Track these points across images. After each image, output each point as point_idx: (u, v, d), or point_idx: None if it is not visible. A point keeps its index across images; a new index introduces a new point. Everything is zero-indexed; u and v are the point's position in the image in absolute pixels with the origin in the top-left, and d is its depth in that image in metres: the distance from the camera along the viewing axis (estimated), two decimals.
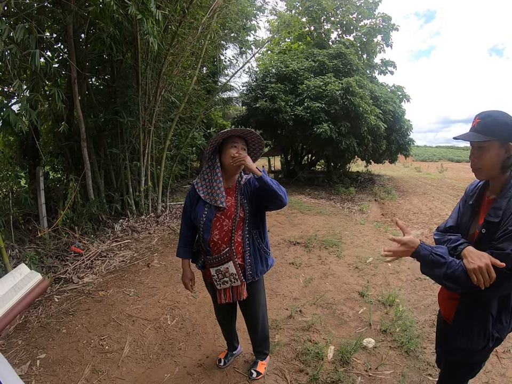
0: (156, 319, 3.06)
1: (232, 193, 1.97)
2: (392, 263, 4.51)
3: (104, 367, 2.43)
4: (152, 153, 6.45)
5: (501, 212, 1.27)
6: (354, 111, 9.69)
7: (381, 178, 16.20)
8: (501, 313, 1.37)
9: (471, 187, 1.58)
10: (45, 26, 4.64)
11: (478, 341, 1.38)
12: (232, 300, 2.03)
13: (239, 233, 1.95)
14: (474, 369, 1.59)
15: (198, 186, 1.98)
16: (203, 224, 1.90)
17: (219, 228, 1.91)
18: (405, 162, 25.06)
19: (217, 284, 1.99)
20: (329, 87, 9.85)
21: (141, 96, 5.62)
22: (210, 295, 2.27)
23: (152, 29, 4.13)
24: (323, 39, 14.42)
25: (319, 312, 3.22)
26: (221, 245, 1.92)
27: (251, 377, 2.32)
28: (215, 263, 1.94)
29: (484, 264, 1.20)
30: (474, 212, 1.47)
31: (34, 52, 3.34)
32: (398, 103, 12.77)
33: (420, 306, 3.40)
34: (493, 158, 1.31)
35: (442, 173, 21.51)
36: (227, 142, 1.90)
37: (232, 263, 1.92)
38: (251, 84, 12.13)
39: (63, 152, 5.61)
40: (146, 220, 6.04)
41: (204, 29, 6.24)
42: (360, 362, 2.51)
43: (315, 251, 4.91)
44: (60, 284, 3.68)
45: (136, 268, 4.20)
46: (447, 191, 13.03)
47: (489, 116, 1.32)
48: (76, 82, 4.74)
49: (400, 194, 12.19)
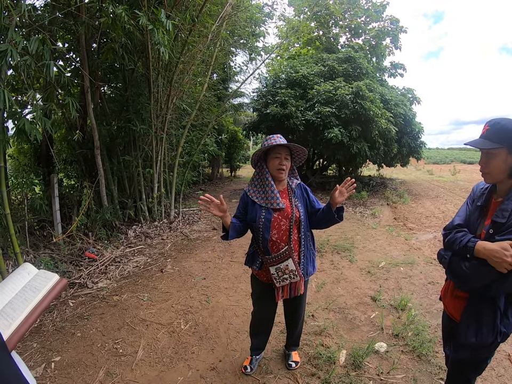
0: (169, 323, 3.10)
1: (285, 195, 2.09)
2: (404, 267, 4.48)
3: (118, 370, 2.47)
4: (165, 160, 6.55)
5: (507, 213, 1.34)
6: (364, 115, 9.64)
7: (393, 182, 16.04)
8: (507, 308, 1.42)
9: (478, 187, 1.63)
10: (57, 37, 4.77)
11: (488, 336, 1.42)
12: (290, 295, 2.12)
13: (295, 232, 2.05)
14: (481, 365, 1.62)
15: (251, 193, 2.10)
16: (262, 224, 2.00)
17: (277, 228, 2.01)
18: (417, 165, 24.76)
19: (276, 281, 2.06)
20: (339, 92, 9.84)
21: (153, 104, 5.71)
22: (258, 296, 2.31)
23: (163, 38, 4.21)
24: (332, 44, 14.43)
25: (331, 317, 3.22)
26: (279, 243, 2.01)
27: (290, 368, 2.46)
28: (275, 261, 2.02)
29: (510, 257, 1.25)
30: (482, 213, 1.52)
31: (49, 63, 3.44)
32: (409, 106, 12.65)
33: (433, 310, 3.38)
34: (500, 164, 1.38)
35: (455, 175, 21.18)
36: (271, 151, 2.02)
37: (292, 260, 2.00)
38: (261, 89, 12.18)
39: (77, 160, 5.73)
40: (159, 226, 6.12)
41: (213, 36, 6.34)
42: (372, 366, 2.51)
43: (327, 256, 4.91)
44: (75, 289, 3.76)
45: (150, 273, 4.26)
46: (460, 194, 12.83)
47: (498, 124, 1.38)
48: (89, 91, 4.85)
49: (412, 197, 12.04)
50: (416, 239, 6.47)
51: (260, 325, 2.45)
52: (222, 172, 16.71)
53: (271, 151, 2.02)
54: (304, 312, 2.43)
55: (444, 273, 4.43)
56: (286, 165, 2.02)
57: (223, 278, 4.12)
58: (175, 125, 6.91)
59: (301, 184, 2.19)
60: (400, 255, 5.02)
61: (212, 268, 4.46)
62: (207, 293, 3.71)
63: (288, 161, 2.05)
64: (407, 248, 5.44)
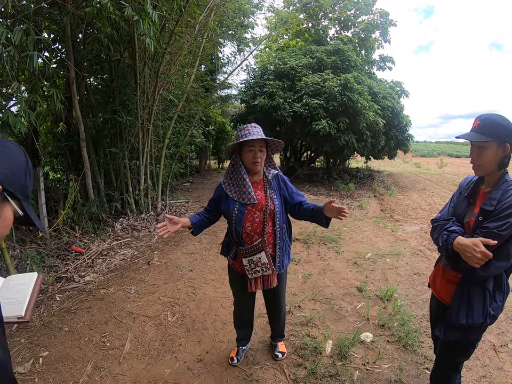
0: (156, 315, 3.10)
1: (260, 187, 2.06)
2: (390, 258, 4.55)
3: (106, 363, 2.47)
4: (151, 152, 6.49)
5: (495, 202, 1.46)
6: (352, 107, 9.68)
7: (380, 174, 16.20)
8: (495, 292, 1.52)
9: (465, 181, 1.74)
10: (42, 27, 4.65)
11: (478, 318, 1.50)
12: (263, 288, 2.13)
13: (270, 224, 2.03)
14: (470, 349, 1.70)
15: (226, 185, 2.07)
16: (235, 217, 1.98)
17: (251, 220, 1.99)
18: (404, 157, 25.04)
19: (249, 273, 2.07)
20: (327, 84, 9.84)
21: (139, 95, 5.64)
22: (234, 286, 2.35)
23: (148, 29, 4.13)
24: (321, 36, 14.38)
25: (317, 308, 3.26)
26: (253, 236, 2.00)
27: (277, 359, 2.48)
28: (248, 253, 2.01)
29: (480, 254, 1.37)
30: (469, 202, 1.63)
31: (32, 54, 3.36)
32: (397, 99, 12.73)
33: (418, 301, 3.44)
34: (491, 157, 1.48)
35: (442, 168, 21.47)
36: (244, 143, 1.97)
37: (264, 253, 2.00)
38: (249, 81, 12.10)
39: (63, 152, 5.64)
40: (146, 218, 6.08)
41: (201, 27, 6.27)
42: (358, 356, 2.55)
43: (314, 247, 4.94)
44: (62, 283, 3.72)
45: (137, 266, 4.25)
46: (446, 187, 13.03)
47: (489, 118, 1.47)
48: (74, 83, 4.76)
49: (399, 190, 12.19)
50: (402, 230, 6.56)
51: (241, 315, 2.47)
52: (210, 163, 16.66)
53: (245, 144, 1.97)
54: (284, 304, 2.44)
55: (429, 265, 4.53)
56: (260, 157, 1.98)
57: (210, 270, 4.13)
58: (162, 117, 6.83)
59: (278, 175, 2.14)
60: (387, 247, 5.09)
61: (199, 259, 4.46)
62: (194, 285, 3.71)
63: (263, 153, 2.00)
64: (393, 240, 5.51)
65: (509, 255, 1.42)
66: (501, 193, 1.46)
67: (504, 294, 1.55)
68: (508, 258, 1.43)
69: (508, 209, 1.39)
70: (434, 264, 4.40)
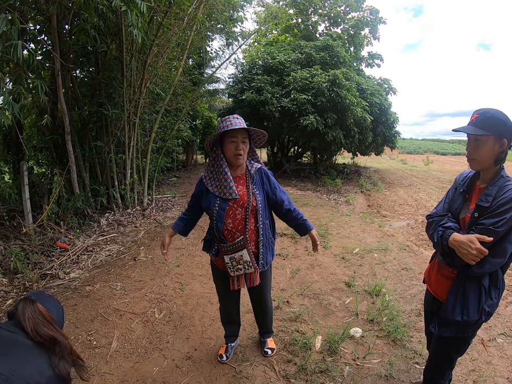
0: (143, 312, 3.05)
1: (242, 182, 1.99)
2: (378, 253, 4.58)
3: (93, 362, 2.41)
4: (138, 146, 6.40)
5: (491, 198, 1.45)
6: (340, 103, 9.72)
7: (367, 170, 16.36)
8: (491, 289, 1.52)
9: (461, 177, 1.72)
10: (28, 18, 4.51)
11: (473, 315, 1.51)
12: (246, 285, 2.10)
13: (252, 221, 1.98)
14: (464, 345, 1.71)
15: (207, 180, 2.00)
16: (216, 214, 1.92)
17: (232, 217, 1.93)
18: (391, 154, 25.33)
19: (231, 270, 2.03)
20: (315, 79, 9.85)
21: (125, 88, 5.54)
22: (217, 283, 2.30)
23: (136, 21, 4.04)
24: (310, 31, 14.39)
25: (306, 303, 3.25)
26: (235, 233, 1.95)
27: (266, 355, 2.46)
28: (229, 251, 1.97)
29: (475, 250, 1.38)
30: (465, 198, 1.62)
31: (16, 43, 3.24)
32: (385, 96, 12.84)
33: (406, 295, 3.46)
34: (488, 151, 1.46)
35: (428, 165, 21.79)
36: (226, 135, 1.89)
37: (246, 251, 1.96)
38: (237, 75, 12.04)
39: (47, 146, 5.49)
40: (132, 213, 6.00)
41: (189, 19, 6.16)
42: (348, 351, 2.55)
43: (302, 242, 4.93)
44: (46, 280, 3.63)
45: (123, 261, 4.18)
46: (432, 183, 13.24)
47: (488, 113, 1.45)
48: (60, 75, 4.64)
49: (386, 186, 12.33)
50: (389, 226, 6.64)
51: (226, 313, 2.44)
52: (197, 158, 16.55)
53: (227, 135, 1.88)
54: (270, 300, 2.40)
55: (416, 260, 4.57)
56: (243, 149, 1.89)
57: (197, 265, 4.08)
58: (149, 110, 6.74)
59: (261, 169, 2.07)
60: (374, 242, 5.12)
61: (186, 255, 4.41)
62: (181, 281, 3.67)
63: (245, 145, 1.92)
64: (380, 235, 5.55)
65: (505, 251, 1.42)
66: (496, 189, 1.45)
67: (499, 291, 1.54)
68: (503, 255, 1.43)
69: (504, 206, 1.39)
70: (421, 259, 4.45)
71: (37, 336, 0.95)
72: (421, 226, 6.51)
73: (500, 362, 2.49)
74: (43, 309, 0.99)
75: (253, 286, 2.10)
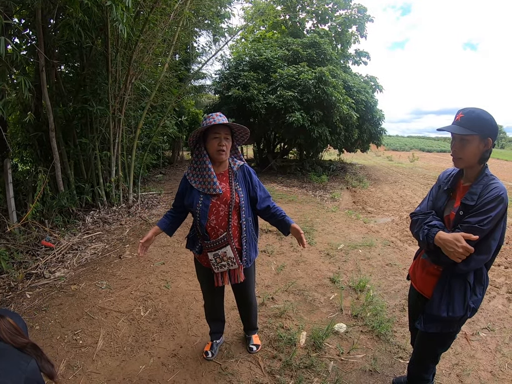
0: (129, 311, 3.05)
1: (225, 179, 2.01)
2: (362, 249, 4.66)
3: (79, 361, 2.41)
4: (123, 143, 6.34)
5: (476, 197, 1.48)
6: (327, 100, 9.79)
7: (353, 167, 16.50)
8: (475, 285, 1.55)
9: (444, 175, 1.75)
10: (13, 12, 4.41)
11: (459, 311, 1.54)
12: (230, 282, 2.11)
13: (235, 218, 2.00)
14: (449, 340, 1.75)
15: (190, 176, 2.01)
16: (199, 210, 1.93)
17: (215, 213, 1.95)
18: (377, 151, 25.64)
19: (214, 267, 2.04)
20: (302, 76, 9.90)
21: (110, 84, 5.47)
22: (201, 280, 2.31)
23: (122, 15, 4.01)
24: (298, 28, 14.40)
25: (291, 299, 3.29)
26: (218, 229, 1.97)
27: (251, 352, 2.49)
28: (213, 247, 1.98)
29: (461, 249, 1.41)
30: (449, 196, 1.64)
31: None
32: (371, 93, 12.97)
33: (390, 291, 3.52)
34: (473, 150, 1.48)
35: (414, 162, 22.12)
36: (210, 131, 1.91)
37: (230, 247, 1.98)
38: (224, 72, 12.01)
39: (32, 143, 5.43)
40: (117, 211, 5.95)
41: (176, 15, 6.11)
42: (332, 347, 2.59)
43: (287, 238, 4.95)
44: (32, 280, 3.59)
45: (108, 260, 4.16)
46: (417, 180, 13.46)
47: (473, 112, 1.47)
48: (44, 70, 4.57)
49: (371, 182, 12.48)
50: (374, 222, 6.74)
51: (211, 310, 2.46)
52: (183, 154, 16.49)
53: (210, 131, 1.91)
54: (254, 297, 2.43)
55: (401, 255, 4.65)
56: (226, 145, 1.92)
57: (182, 263, 4.09)
58: (134, 106, 6.68)
59: (244, 166, 2.10)
60: (359, 238, 5.18)
61: (171, 252, 4.40)
62: (167, 278, 3.67)
63: (228, 141, 1.95)
64: (365, 231, 5.62)
65: (490, 249, 1.46)
66: (481, 188, 1.47)
67: (483, 287, 1.58)
68: (488, 252, 1.46)
69: (489, 204, 1.42)
70: (405, 255, 4.54)
71: (17, 344, 1.03)
72: (406, 222, 6.63)
73: (483, 356, 2.56)
74: (13, 322, 1.08)
75: (237, 283, 2.12)
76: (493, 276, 4.05)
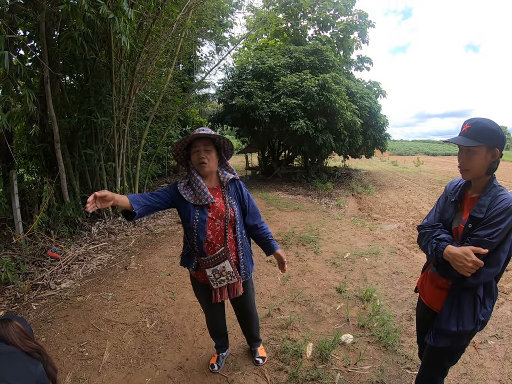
0: (134, 322, 3.04)
1: (218, 194, 1.99)
2: (369, 257, 4.62)
3: (85, 374, 2.40)
4: (128, 153, 6.38)
5: (485, 209, 1.44)
6: (330, 107, 9.81)
7: (358, 173, 16.45)
8: (485, 299, 1.52)
9: (451, 185, 1.71)
10: (17, 24, 4.49)
11: (468, 325, 1.51)
12: (229, 297, 2.09)
13: (231, 232, 1.99)
14: (458, 354, 1.71)
15: (181, 188, 1.95)
16: (197, 225, 1.90)
17: (212, 229, 1.93)
18: (382, 156, 25.55)
19: (213, 283, 2.02)
20: (305, 84, 9.93)
21: (115, 95, 5.53)
22: (200, 297, 2.28)
23: (124, 27, 4.06)
24: (300, 36, 14.49)
25: (297, 310, 3.25)
26: (215, 244, 1.94)
27: (258, 364, 2.46)
28: (211, 263, 1.96)
29: (471, 263, 1.37)
30: (456, 207, 1.60)
31: (3, 53, 3.23)
32: (374, 99, 12.98)
33: (397, 300, 3.46)
34: (481, 161, 1.45)
35: (419, 167, 22.02)
36: (191, 146, 1.92)
37: (228, 262, 1.96)
38: (227, 80, 12.08)
39: (37, 154, 5.47)
40: (123, 221, 5.97)
41: (178, 26, 6.19)
42: (339, 358, 2.55)
43: (292, 248, 4.94)
44: (37, 291, 3.60)
45: (114, 271, 4.16)
46: (423, 185, 13.38)
47: (479, 123, 1.45)
48: (49, 82, 4.63)
49: (377, 188, 12.43)
50: (380, 229, 6.68)
51: (212, 325, 2.43)
52: None
53: (191, 146, 1.91)
54: (255, 309, 2.39)
55: (408, 263, 4.59)
56: (206, 157, 1.88)
57: (187, 274, 4.03)
58: (138, 117, 6.75)
59: (234, 179, 2.08)
60: (365, 246, 5.13)
61: (177, 263, 4.36)
62: (172, 290, 3.66)
63: (209, 153, 1.90)
64: (371, 239, 5.56)
65: (499, 261, 1.42)
66: (490, 200, 1.44)
67: (493, 300, 1.55)
68: (497, 264, 1.43)
69: (498, 216, 1.38)
70: (412, 262, 4.47)
71: (26, 348, 1.10)
72: (412, 228, 6.57)
73: (491, 364, 2.51)
74: (21, 326, 1.13)
75: (236, 297, 2.10)
76: (501, 281, 3.97)
